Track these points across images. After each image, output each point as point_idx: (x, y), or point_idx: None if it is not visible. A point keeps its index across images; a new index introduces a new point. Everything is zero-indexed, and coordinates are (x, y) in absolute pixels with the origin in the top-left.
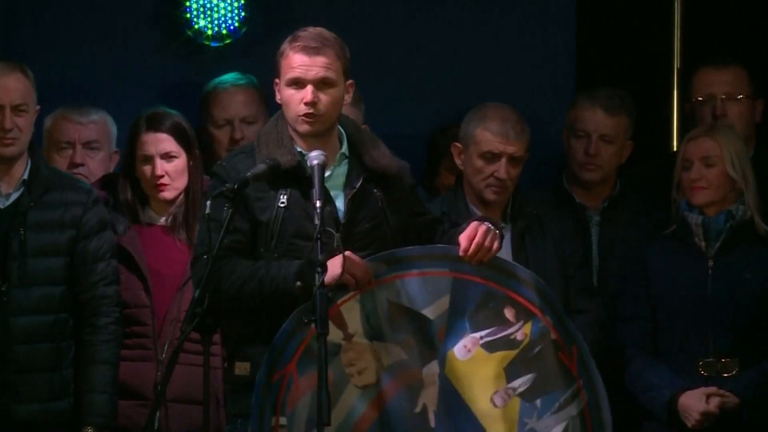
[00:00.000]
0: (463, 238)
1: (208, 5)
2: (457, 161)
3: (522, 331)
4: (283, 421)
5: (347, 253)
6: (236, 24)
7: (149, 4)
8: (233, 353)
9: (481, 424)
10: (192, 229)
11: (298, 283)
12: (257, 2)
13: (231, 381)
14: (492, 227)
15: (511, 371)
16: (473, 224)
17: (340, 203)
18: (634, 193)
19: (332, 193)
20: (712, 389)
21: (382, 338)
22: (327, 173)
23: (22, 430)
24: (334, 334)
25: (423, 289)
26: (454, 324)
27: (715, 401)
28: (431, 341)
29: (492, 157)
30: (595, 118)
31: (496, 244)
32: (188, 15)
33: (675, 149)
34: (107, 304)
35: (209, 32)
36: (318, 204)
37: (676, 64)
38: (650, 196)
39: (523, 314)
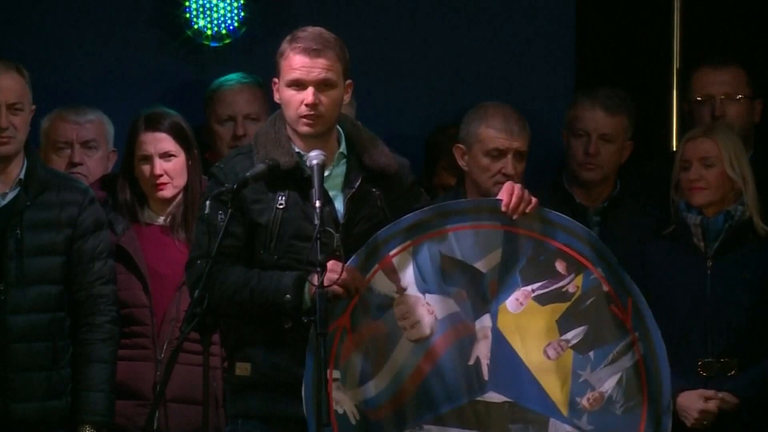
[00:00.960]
0: (503, 194)
1: (208, 5)
2: (461, 162)
3: (573, 284)
4: (336, 374)
5: (330, 263)
6: (236, 24)
7: (149, 4)
8: (234, 353)
9: (535, 376)
10: (191, 228)
11: (288, 297)
12: (257, 2)
13: (231, 381)
14: None
15: (563, 323)
16: (508, 183)
17: (339, 203)
18: (635, 193)
19: (331, 194)
20: (710, 393)
21: (434, 291)
22: (326, 173)
23: (19, 429)
24: (387, 287)
25: (475, 243)
26: (505, 277)
27: (713, 402)
28: (483, 294)
29: (498, 154)
30: (594, 117)
31: (534, 198)
32: (188, 15)
33: (674, 149)
34: (104, 303)
35: (209, 32)
36: (318, 204)
37: (676, 64)
38: (650, 196)
39: (574, 267)
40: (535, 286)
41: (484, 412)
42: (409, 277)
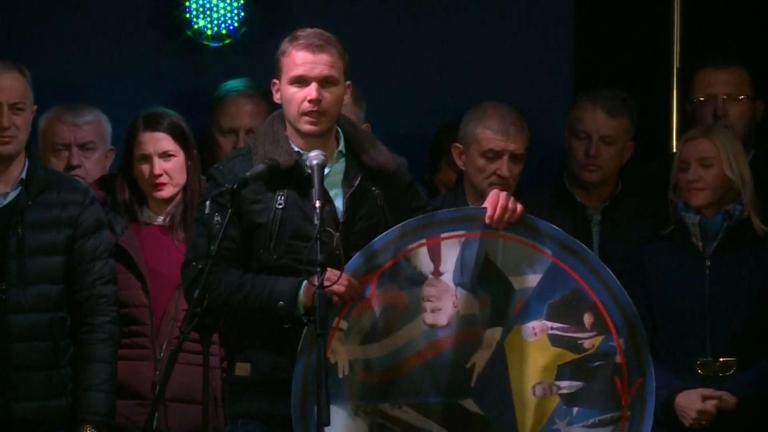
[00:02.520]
0: (488, 205)
1: (208, 5)
2: (459, 162)
3: (591, 341)
4: (343, 324)
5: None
6: (236, 24)
7: (149, 4)
8: (233, 354)
9: (513, 404)
10: (190, 228)
11: (281, 303)
12: (257, 2)
13: (231, 382)
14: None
15: (563, 371)
16: (493, 191)
17: (338, 202)
18: (635, 192)
19: (330, 192)
20: (708, 392)
21: (466, 287)
22: (325, 171)
23: (19, 429)
24: (426, 265)
25: (521, 259)
26: (532, 303)
27: (712, 401)
28: (505, 309)
29: (494, 155)
30: (596, 119)
31: (519, 206)
32: (188, 15)
33: (674, 149)
34: (104, 303)
35: (209, 32)
36: (318, 204)
37: (676, 65)
38: (651, 196)
39: (599, 327)
40: (556, 325)
41: (458, 416)
42: (450, 264)
